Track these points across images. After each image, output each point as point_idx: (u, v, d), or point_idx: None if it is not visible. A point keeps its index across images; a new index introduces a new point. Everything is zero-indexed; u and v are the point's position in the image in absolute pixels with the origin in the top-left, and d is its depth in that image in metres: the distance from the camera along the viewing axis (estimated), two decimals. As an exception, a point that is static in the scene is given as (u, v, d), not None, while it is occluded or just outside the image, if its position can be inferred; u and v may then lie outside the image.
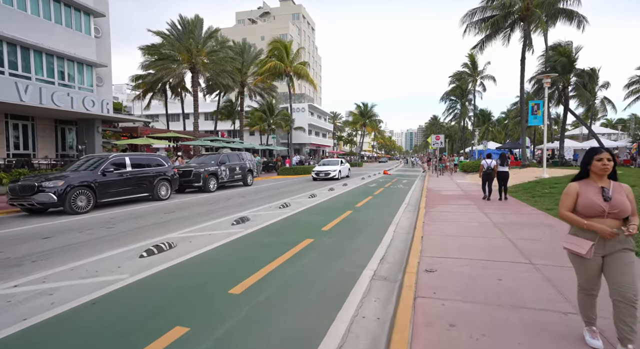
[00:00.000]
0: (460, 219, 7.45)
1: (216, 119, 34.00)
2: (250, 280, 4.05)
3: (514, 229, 6.29)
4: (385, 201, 11.29)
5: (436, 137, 22.34)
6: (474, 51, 23.69)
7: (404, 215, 8.78)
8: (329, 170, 19.59)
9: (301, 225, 7.38)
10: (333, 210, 9.37)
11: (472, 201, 10.50)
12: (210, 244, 5.63)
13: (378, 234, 6.53)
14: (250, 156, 17.67)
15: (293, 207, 9.85)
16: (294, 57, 24.59)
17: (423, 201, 10.66)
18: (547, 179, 13.84)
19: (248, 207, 9.83)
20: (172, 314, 3.17)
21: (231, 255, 5.13)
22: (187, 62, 22.46)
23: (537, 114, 14.80)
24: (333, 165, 20.57)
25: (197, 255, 5.02)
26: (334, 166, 20.38)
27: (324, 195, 12.72)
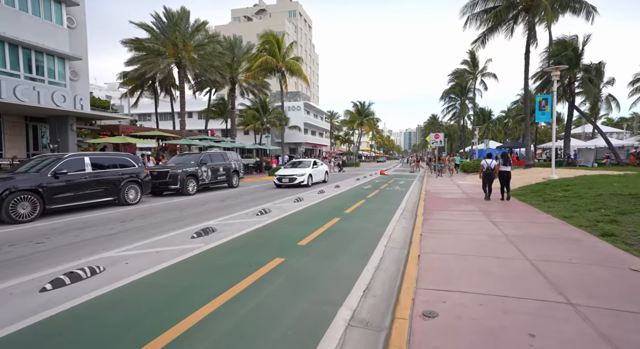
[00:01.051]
0: (464, 230, 6.27)
1: (207, 117, 32.76)
2: (178, 328, 2.88)
3: (532, 245, 5.12)
4: (379, 206, 10.11)
5: (435, 136, 21.18)
6: (475, 46, 22.53)
7: (399, 223, 7.60)
8: (295, 174, 15.27)
9: (275, 238, 6.20)
10: (318, 217, 8.19)
11: (476, 205, 9.34)
12: (150, 267, 4.44)
13: (366, 251, 5.36)
14: (236, 155, 16.48)
15: (273, 213, 8.66)
16: (286, 52, 23.39)
17: (421, 205, 9.49)
18: (557, 181, 12.69)
19: (222, 214, 8.64)
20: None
21: (170, 284, 3.94)
22: (173, 57, 21.23)
23: (545, 109, 13.68)
24: (302, 167, 16.35)
25: (121, 286, 3.83)
26: (302, 168, 16.13)
27: (312, 198, 11.54)
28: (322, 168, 17.75)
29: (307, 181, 15.46)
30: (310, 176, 15.89)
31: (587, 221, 6.56)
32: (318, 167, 17.22)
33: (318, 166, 17.32)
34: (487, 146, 27.51)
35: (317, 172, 16.92)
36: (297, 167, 16.41)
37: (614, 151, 22.94)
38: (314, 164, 17.02)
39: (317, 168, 17.07)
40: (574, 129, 44.29)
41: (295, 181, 15.16)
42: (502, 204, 9.52)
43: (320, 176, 17.44)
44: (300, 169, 15.94)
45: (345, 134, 64.51)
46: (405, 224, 7.57)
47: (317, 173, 16.92)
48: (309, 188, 15.28)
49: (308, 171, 15.89)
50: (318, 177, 17.15)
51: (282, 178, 15.29)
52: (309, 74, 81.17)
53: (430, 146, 23.82)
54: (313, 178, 16.32)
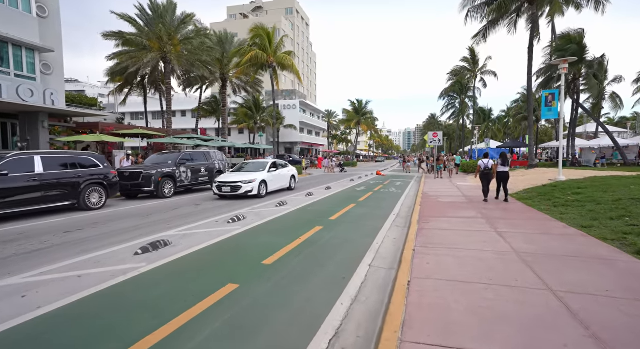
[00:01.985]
0: (465, 244, 5.22)
1: (198, 115, 31.65)
2: None
3: (552, 267, 4.07)
4: (370, 211, 9.06)
5: (433, 134, 20.14)
6: (476, 40, 21.48)
7: (389, 234, 6.55)
8: (239, 181, 11.22)
9: (237, 254, 5.14)
10: (297, 226, 7.14)
11: (477, 211, 8.30)
12: (50, 303, 3.38)
13: (344, 272, 4.31)
14: (220, 155, 15.41)
15: (248, 220, 7.61)
16: (277, 46, 22.31)
17: (416, 211, 8.44)
18: (566, 183, 11.66)
19: (189, 221, 7.58)
20: None
21: (54, 337, 2.88)
22: (158, 51, 20.13)
23: (552, 105, 12.66)
24: (252, 172, 12.11)
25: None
26: (251, 173, 11.97)
27: (297, 202, 10.48)
28: (285, 172, 13.71)
29: (257, 189, 11.37)
30: (263, 183, 11.79)
31: (612, 233, 5.52)
32: (278, 171, 13.13)
33: (278, 169, 13.24)
34: (487, 145, 26.48)
35: (275, 177, 12.80)
36: (245, 172, 12.16)
37: (621, 150, 21.96)
38: (272, 167, 12.85)
39: (276, 172, 12.96)
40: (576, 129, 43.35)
41: (240, 190, 11.10)
42: (507, 209, 8.49)
43: (281, 182, 13.30)
44: (249, 174, 11.77)
45: (342, 133, 63.41)
46: (397, 234, 6.52)
47: (275, 179, 12.79)
48: (293, 191, 14.21)
49: (259, 176, 11.74)
50: (278, 183, 13.04)
51: (222, 186, 11.28)
52: (306, 73, 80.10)
53: (428, 145, 22.78)
54: (269, 185, 12.25)
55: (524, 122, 46.60)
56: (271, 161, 13.18)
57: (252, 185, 11.31)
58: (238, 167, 13.10)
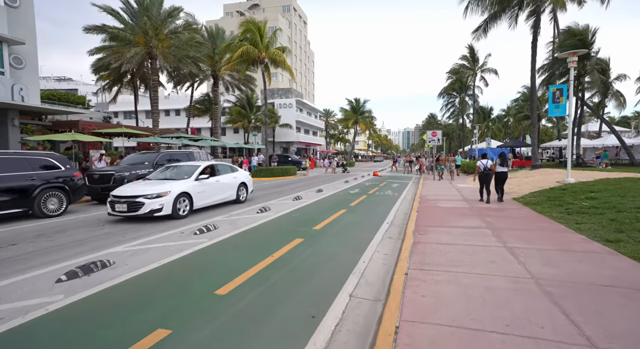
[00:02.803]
0: (471, 265, 4.26)
1: (189, 114, 30.63)
2: None
3: (587, 306, 3.11)
4: (361, 218, 8.10)
5: (432, 133, 19.20)
6: (476, 35, 20.53)
7: (380, 248, 5.58)
8: (142, 195, 7.49)
9: (187, 281, 4.16)
10: (275, 237, 6.18)
11: (481, 218, 7.34)
12: None
13: (317, 307, 3.34)
14: (205, 155, 14.44)
15: (219, 231, 6.63)
16: (269, 41, 21.31)
17: (412, 219, 7.48)
18: (576, 186, 10.70)
19: (153, 232, 6.60)
20: None
21: None
22: (144, 46, 19.13)
23: (560, 102, 11.73)
24: (169, 181, 8.42)
25: None
26: (169, 182, 8.28)
27: (282, 208, 9.50)
28: (227, 180, 9.80)
29: (170, 207, 7.59)
30: (184, 196, 8.02)
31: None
32: (214, 179, 9.22)
33: (216, 176, 9.40)
34: (488, 145, 25.53)
35: (209, 187, 8.91)
36: (159, 180, 8.49)
37: (627, 150, 21.04)
38: (204, 173, 8.97)
39: (210, 180, 9.02)
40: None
41: (141, 208, 7.30)
42: (515, 217, 7.53)
43: (220, 194, 9.45)
44: (160, 184, 7.93)
45: (340, 132, 62.41)
46: (389, 248, 5.55)
47: (209, 189, 8.93)
48: (286, 193, 13.24)
49: (177, 186, 7.93)
50: (214, 195, 9.18)
51: (116, 203, 7.50)
52: (304, 71, 79.09)
53: (427, 145, 21.83)
54: (197, 199, 8.44)
55: (524, 122, 45.73)
56: (204, 165, 9.23)
57: (162, 201, 7.41)
58: (155, 174, 9.26)
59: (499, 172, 9.42)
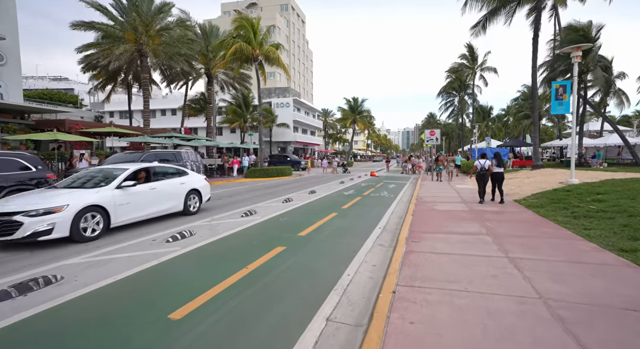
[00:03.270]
0: (469, 281, 3.71)
1: (183, 114, 30.09)
2: None
3: (609, 336, 2.57)
4: (352, 222, 7.56)
5: (430, 133, 18.64)
6: (475, 31, 19.99)
7: (369, 258, 5.04)
8: (21, 211, 5.25)
9: (140, 302, 3.62)
10: (255, 245, 5.63)
11: (481, 223, 6.81)
12: None
13: (286, 337, 2.80)
14: (194, 155, 13.91)
15: (195, 238, 6.08)
16: (263, 38, 20.75)
17: (407, 223, 6.94)
18: (581, 187, 10.16)
19: (121, 239, 6.05)
20: None
21: None
22: (133, 43, 18.57)
23: (563, 99, 11.19)
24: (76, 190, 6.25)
25: None
26: (74, 192, 6.10)
27: (269, 211, 8.96)
28: (171, 188, 7.83)
29: (66, 226, 5.54)
30: (93, 210, 6.00)
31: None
32: (151, 186, 7.30)
33: (158, 181, 7.63)
34: (488, 144, 24.97)
35: (140, 198, 6.94)
36: (58, 191, 6.21)
37: (631, 150, 20.50)
38: (132, 178, 7.06)
39: (140, 188, 6.99)
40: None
41: (15, 232, 5.19)
42: (517, 221, 7.00)
43: (159, 205, 7.44)
44: (59, 196, 5.83)
45: (337, 132, 61.82)
46: (379, 258, 5.01)
47: (141, 200, 6.97)
48: (272, 198, 12.70)
49: (83, 198, 5.95)
50: (149, 207, 7.20)
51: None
52: (302, 71, 78.51)
53: (425, 144, 21.29)
54: (119, 213, 6.45)
55: (524, 121, 45.23)
56: (133, 168, 7.14)
57: (53, 219, 5.37)
58: (65, 181, 6.99)
59: (495, 172, 9.32)
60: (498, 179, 9.34)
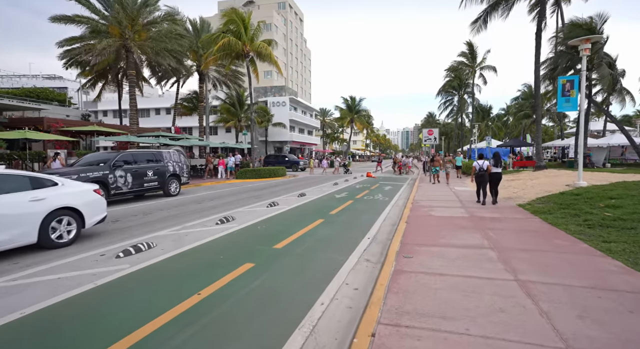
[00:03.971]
0: (470, 318, 2.90)
1: (174, 112, 29.24)
2: None
3: None
4: (339, 231, 6.74)
5: (428, 132, 17.86)
6: (475, 27, 19.18)
7: (351, 278, 4.23)
8: None
9: (48, 342, 2.80)
10: (219, 262, 4.82)
11: (482, 231, 6.01)
12: None
13: None
14: (177, 156, 13.06)
15: (154, 251, 5.27)
16: (254, 33, 19.92)
17: (399, 233, 6.13)
18: (590, 190, 9.36)
19: (68, 253, 5.23)
20: None
21: None
22: (119, 37, 17.74)
23: (571, 95, 10.39)
24: None
25: None
26: None
27: (250, 217, 8.14)
28: (16, 207, 4.94)
29: None
30: None
31: None
32: None
33: None
34: (488, 144, 24.18)
35: None
36: None
37: (637, 149, 19.72)
38: None
39: None
40: (573, 128, 41.03)
41: None
42: (525, 230, 6.19)
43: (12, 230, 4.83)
44: None
45: (334, 131, 60.97)
46: (363, 279, 4.20)
47: None
48: (256, 201, 11.87)
49: None
50: None
51: None
52: (300, 70, 77.67)
53: (423, 144, 20.47)
54: None
55: (524, 121, 44.46)
56: None
57: None
58: None
59: (493, 173, 9.22)
60: (496, 179, 9.24)
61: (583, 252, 4.76)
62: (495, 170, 9.22)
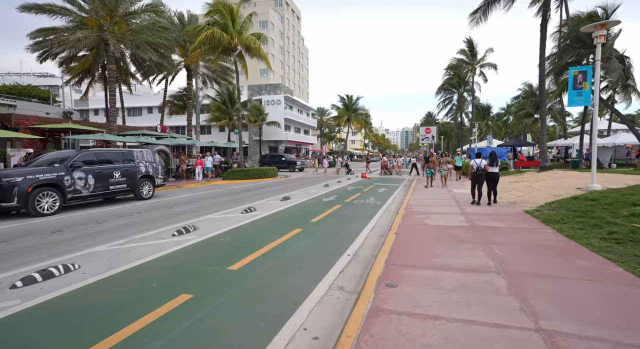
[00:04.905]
0: None
1: (163, 111, 28.14)
2: None
3: None
4: (314, 245, 5.65)
5: (426, 130, 16.77)
6: (475, 18, 18.09)
7: (310, 322, 3.14)
8: None
9: None
10: (150, 291, 3.72)
11: (485, 246, 4.93)
12: None
13: None
14: (151, 155, 11.96)
15: (72, 277, 4.17)
16: (243, 26, 18.80)
17: (385, 250, 5.04)
18: (607, 194, 8.28)
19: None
20: None
21: None
22: (97, 29, 16.62)
23: (583, 87, 9.31)
24: None
25: None
26: None
27: (217, 226, 7.05)
28: None
29: None
30: None
31: None
32: None
33: None
34: (489, 143, 23.12)
35: None
36: None
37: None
38: None
39: None
40: (578, 128, 39.84)
41: None
42: (536, 245, 5.10)
43: None
44: None
45: (330, 131, 59.83)
46: (327, 322, 3.11)
47: None
48: (232, 206, 10.77)
49: None
50: None
51: None
52: (297, 68, 76.49)
53: (420, 143, 19.40)
54: None
55: (525, 120, 43.40)
56: None
57: None
58: None
59: (490, 172, 9.03)
60: (493, 179, 9.06)
61: (619, 280, 3.67)
62: (492, 169, 9.03)
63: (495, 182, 9.08)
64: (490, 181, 9.05)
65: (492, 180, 9.04)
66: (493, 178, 9.04)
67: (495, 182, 9.07)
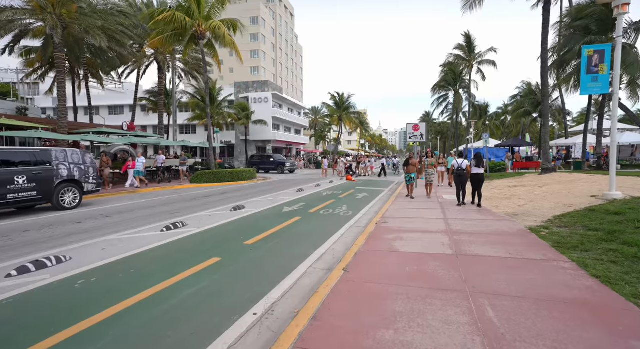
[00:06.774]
0: None
1: (134, 108, 26.12)
2: None
3: None
4: (225, 286, 3.70)
5: (414, 127, 14.85)
6: (469, 3, 16.24)
7: None
8: None
9: None
10: None
11: (474, 303, 2.99)
12: None
13: None
14: (77, 156, 9.97)
15: None
16: (211, 10, 16.81)
17: (317, 300, 3.09)
18: (633, 206, 6.37)
19: None
20: None
21: None
22: (39, 11, 14.64)
23: (600, 71, 7.46)
24: None
25: None
26: None
27: (115, 251, 5.09)
28: None
29: None
30: None
31: None
32: None
33: None
34: (486, 142, 21.25)
35: None
36: None
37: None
38: None
39: None
40: (578, 127, 38.08)
41: None
42: (552, 300, 3.16)
43: None
44: None
45: (321, 130, 57.85)
46: None
47: None
48: (156, 221, 8.81)
49: None
50: None
51: None
52: (290, 66, 74.51)
53: (409, 142, 17.51)
54: None
55: (523, 119, 41.60)
56: None
57: None
58: None
59: (474, 174, 8.72)
60: (478, 181, 8.70)
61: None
62: (477, 171, 8.70)
63: (480, 183, 8.71)
64: (475, 183, 8.72)
65: (477, 181, 8.70)
66: (478, 179, 8.70)
67: (479, 184, 8.69)
